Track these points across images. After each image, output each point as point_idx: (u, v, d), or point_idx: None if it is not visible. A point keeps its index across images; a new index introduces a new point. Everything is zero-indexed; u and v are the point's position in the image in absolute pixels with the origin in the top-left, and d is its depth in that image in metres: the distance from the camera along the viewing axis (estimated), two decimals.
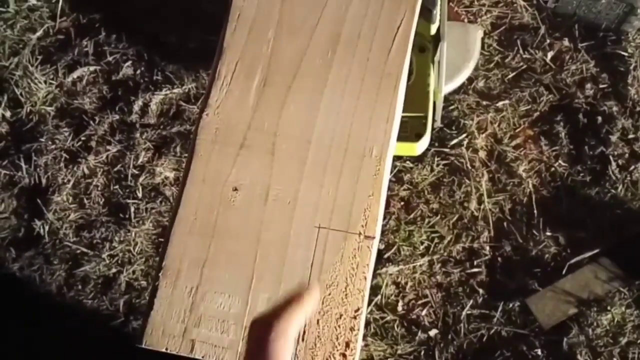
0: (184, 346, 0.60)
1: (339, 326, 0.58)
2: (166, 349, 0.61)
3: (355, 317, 0.58)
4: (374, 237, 0.60)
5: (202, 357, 0.59)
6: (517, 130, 1.37)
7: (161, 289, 0.62)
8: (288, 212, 0.62)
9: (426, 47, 1.08)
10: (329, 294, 0.59)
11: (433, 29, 1.02)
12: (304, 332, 0.57)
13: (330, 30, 0.67)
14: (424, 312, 1.28)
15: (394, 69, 0.66)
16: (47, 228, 1.38)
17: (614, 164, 1.32)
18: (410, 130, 1.06)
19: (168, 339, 0.61)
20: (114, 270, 1.35)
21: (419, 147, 1.07)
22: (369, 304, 1.21)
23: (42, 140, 1.43)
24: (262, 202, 0.62)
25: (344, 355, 0.57)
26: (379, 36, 0.67)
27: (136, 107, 1.43)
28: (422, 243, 1.31)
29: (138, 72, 1.47)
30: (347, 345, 0.57)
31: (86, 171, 1.41)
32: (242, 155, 0.64)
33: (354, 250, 0.60)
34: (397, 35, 0.67)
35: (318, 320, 0.58)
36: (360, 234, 0.60)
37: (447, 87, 1.32)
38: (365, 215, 0.61)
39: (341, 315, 0.58)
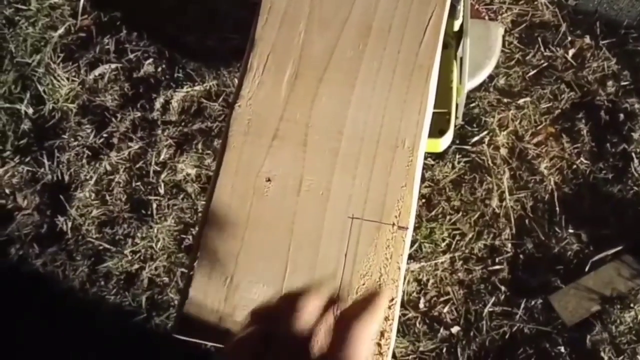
0: (218, 336, 0.60)
1: None
2: (200, 339, 0.61)
3: (389, 307, 0.58)
4: (407, 228, 0.60)
5: None
6: (538, 128, 1.36)
7: (196, 279, 0.62)
8: (321, 203, 0.62)
9: (449, 43, 1.08)
10: (363, 284, 0.59)
11: (456, 25, 1.02)
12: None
13: (361, 23, 0.68)
14: (445, 309, 1.28)
15: (426, 61, 0.66)
16: (69, 224, 1.39)
17: (636, 160, 1.31)
18: (433, 126, 1.05)
19: (201, 329, 0.61)
20: (136, 266, 1.36)
21: (443, 143, 1.07)
22: None
23: (65, 137, 1.44)
24: (295, 193, 0.62)
25: (378, 345, 0.57)
26: (410, 28, 0.67)
27: (157, 105, 1.44)
28: (443, 240, 1.31)
29: (159, 69, 1.48)
30: (382, 334, 0.57)
31: (108, 168, 1.42)
32: (274, 147, 0.64)
33: (387, 241, 0.60)
34: (428, 28, 0.67)
35: None
36: (393, 224, 0.60)
37: (469, 84, 1.31)
38: (399, 206, 0.61)
39: None
